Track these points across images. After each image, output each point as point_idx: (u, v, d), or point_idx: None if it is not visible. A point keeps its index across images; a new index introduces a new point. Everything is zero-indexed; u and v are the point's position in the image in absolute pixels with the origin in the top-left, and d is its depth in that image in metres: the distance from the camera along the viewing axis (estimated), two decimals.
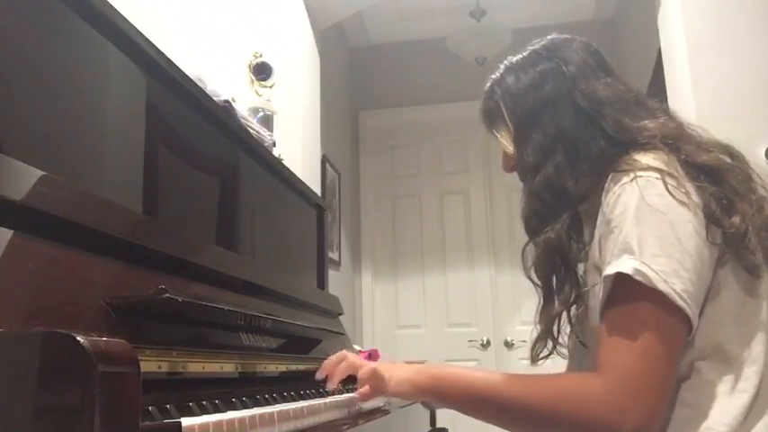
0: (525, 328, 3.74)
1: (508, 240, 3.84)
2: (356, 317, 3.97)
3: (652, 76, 3.01)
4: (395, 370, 0.98)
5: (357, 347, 2.13)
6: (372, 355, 2.37)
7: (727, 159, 0.91)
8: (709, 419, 0.81)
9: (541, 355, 0.96)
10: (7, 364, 0.50)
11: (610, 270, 0.81)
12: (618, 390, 0.77)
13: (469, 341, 3.86)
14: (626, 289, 0.80)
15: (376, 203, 4.18)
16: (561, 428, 0.82)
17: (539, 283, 0.96)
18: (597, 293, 0.85)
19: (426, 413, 1.85)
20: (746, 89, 2.32)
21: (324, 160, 3.33)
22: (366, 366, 1.01)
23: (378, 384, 0.98)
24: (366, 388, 1.00)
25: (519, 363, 3.71)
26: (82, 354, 0.47)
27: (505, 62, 1.06)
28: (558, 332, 0.95)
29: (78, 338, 0.47)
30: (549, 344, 0.96)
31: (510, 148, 1.03)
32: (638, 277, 0.79)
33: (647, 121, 0.93)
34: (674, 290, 0.78)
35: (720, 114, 2.30)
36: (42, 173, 0.72)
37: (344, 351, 1.07)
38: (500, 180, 3.97)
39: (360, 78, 4.29)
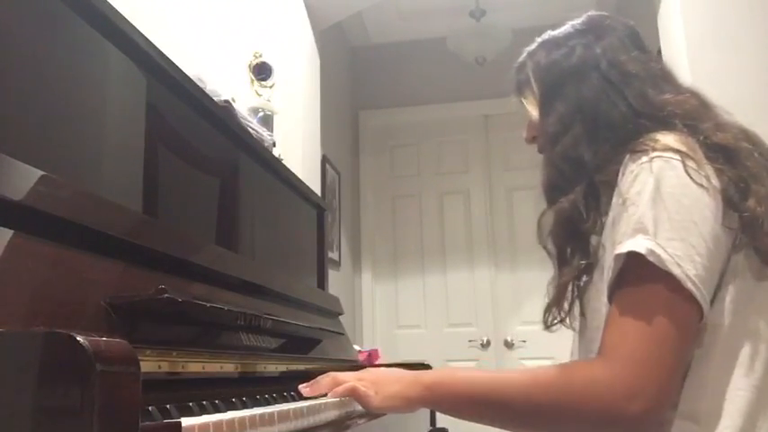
0: (525, 328, 3.75)
1: (508, 240, 3.82)
2: (356, 317, 3.97)
3: None
4: (381, 384, 0.92)
5: (357, 347, 2.13)
6: (372, 355, 2.37)
7: (745, 144, 0.90)
8: (716, 421, 0.79)
9: (554, 323, 0.96)
10: (7, 364, 0.50)
11: (623, 248, 0.79)
12: (624, 374, 0.75)
13: (469, 341, 3.86)
14: (638, 269, 0.78)
15: (376, 203, 4.18)
16: (570, 419, 0.80)
17: (553, 251, 0.96)
18: (606, 270, 0.83)
19: (426, 413, 1.86)
20: (746, 89, 2.32)
21: (324, 160, 3.33)
22: (344, 385, 0.93)
23: (361, 402, 0.92)
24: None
25: (519, 363, 3.70)
26: (81, 353, 0.47)
27: (543, 35, 1.08)
28: (568, 301, 0.94)
29: (78, 338, 0.47)
30: (560, 313, 0.95)
31: (536, 116, 1.04)
32: (651, 258, 0.77)
33: (669, 96, 0.93)
34: (686, 275, 0.76)
35: None
36: (42, 173, 0.72)
37: (333, 373, 0.98)
38: (500, 180, 3.97)
39: (360, 78, 4.29)
